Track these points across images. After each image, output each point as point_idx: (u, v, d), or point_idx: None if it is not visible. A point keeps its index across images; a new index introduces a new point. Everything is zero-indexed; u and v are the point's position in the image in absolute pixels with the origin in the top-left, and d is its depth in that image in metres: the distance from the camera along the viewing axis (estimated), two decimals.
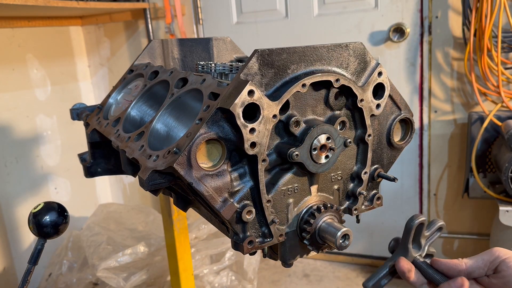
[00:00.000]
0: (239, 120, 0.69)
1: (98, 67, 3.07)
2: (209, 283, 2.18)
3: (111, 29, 2.96)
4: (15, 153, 2.54)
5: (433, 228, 0.78)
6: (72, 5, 2.20)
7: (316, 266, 2.78)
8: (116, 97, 1.22)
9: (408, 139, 0.94)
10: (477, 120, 2.12)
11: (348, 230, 0.77)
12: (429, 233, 0.77)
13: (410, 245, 0.76)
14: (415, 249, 0.76)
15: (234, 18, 2.69)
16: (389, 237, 0.79)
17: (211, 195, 0.71)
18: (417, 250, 0.76)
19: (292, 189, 0.80)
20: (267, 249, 0.84)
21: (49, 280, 2.37)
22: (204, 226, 2.33)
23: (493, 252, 0.72)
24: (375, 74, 0.83)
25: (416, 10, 2.30)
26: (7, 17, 2.45)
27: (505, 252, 0.71)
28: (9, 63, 2.52)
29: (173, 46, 1.28)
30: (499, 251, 0.71)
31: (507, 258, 0.70)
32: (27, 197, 2.60)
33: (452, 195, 2.47)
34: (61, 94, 2.84)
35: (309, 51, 0.77)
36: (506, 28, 2.05)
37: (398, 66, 2.40)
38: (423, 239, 0.77)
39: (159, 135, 0.90)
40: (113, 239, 2.30)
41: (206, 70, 0.98)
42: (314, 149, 0.77)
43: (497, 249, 0.72)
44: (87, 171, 1.25)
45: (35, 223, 0.85)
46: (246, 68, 0.71)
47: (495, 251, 0.72)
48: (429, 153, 2.46)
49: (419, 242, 0.77)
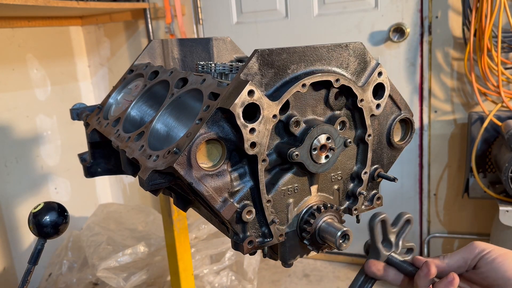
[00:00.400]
0: (239, 120, 0.69)
1: (98, 67, 3.07)
2: (209, 283, 2.18)
3: (111, 29, 2.96)
4: (15, 153, 2.54)
5: (400, 222, 0.76)
6: (72, 5, 2.20)
7: (316, 266, 2.78)
8: (116, 97, 1.22)
9: (408, 139, 0.94)
10: (477, 120, 2.12)
11: (348, 230, 0.77)
12: (397, 229, 0.75)
13: (379, 244, 0.74)
14: (386, 248, 0.75)
15: (234, 18, 2.69)
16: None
17: (211, 195, 0.71)
18: (389, 248, 0.75)
19: (292, 189, 0.80)
20: (267, 249, 0.84)
21: (49, 280, 2.37)
22: (204, 226, 2.33)
23: (473, 249, 0.71)
24: (375, 74, 0.83)
25: (416, 10, 2.30)
26: (7, 17, 2.45)
27: (484, 246, 0.71)
28: (9, 63, 2.52)
29: (173, 46, 1.28)
30: (479, 247, 0.71)
31: (486, 254, 0.70)
32: (27, 197, 2.60)
33: (452, 195, 2.47)
34: (61, 94, 2.84)
35: (309, 51, 0.77)
36: (506, 28, 2.05)
37: (398, 66, 2.40)
38: (392, 236, 0.75)
39: (159, 135, 0.90)
40: (113, 239, 2.30)
41: (206, 70, 0.98)
42: (314, 149, 0.77)
43: (476, 244, 0.71)
44: (87, 171, 1.25)
45: (35, 223, 0.85)
46: (246, 68, 0.71)
47: (474, 247, 0.71)
48: (429, 153, 2.46)
49: (389, 239, 0.75)
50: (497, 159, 1.99)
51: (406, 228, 0.76)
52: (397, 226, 0.76)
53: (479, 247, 0.71)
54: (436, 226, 2.55)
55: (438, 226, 2.55)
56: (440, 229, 2.55)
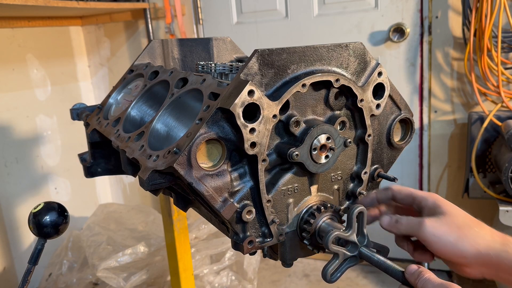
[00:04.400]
0: (239, 120, 0.69)
1: (98, 67, 3.07)
2: (209, 283, 2.18)
3: (111, 29, 2.96)
4: (15, 153, 2.54)
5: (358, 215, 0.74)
6: (72, 5, 2.20)
7: (316, 266, 2.78)
8: (116, 97, 1.22)
9: (408, 139, 0.94)
10: (477, 120, 2.12)
11: None
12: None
13: (354, 235, 0.72)
14: (360, 240, 0.73)
15: (234, 18, 2.69)
16: (389, 236, 0.78)
17: (211, 195, 0.71)
18: (363, 241, 0.73)
19: (292, 189, 0.80)
20: (267, 249, 0.84)
21: (49, 280, 2.37)
22: (204, 226, 2.33)
23: (431, 199, 0.74)
24: (375, 74, 0.83)
25: (416, 10, 2.30)
26: (7, 17, 2.45)
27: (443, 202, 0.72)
28: (9, 63, 2.52)
29: (173, 46, 1.28)
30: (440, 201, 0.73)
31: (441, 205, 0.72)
32: (27, 197, 2.60)
33: (452, 195, 2.47)
34: (61, 94, 2.84)
35: (309, 51, 0.77)
36: (506, 28, 2.05)
37: (398, 66, 2.40)
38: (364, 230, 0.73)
39: (159, 135, 0.90)
40: (113, 239, 2.30)
41: (206, 70, 0.98)
42: (314, 149, 0.77)
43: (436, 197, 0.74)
44: (87, 171, 1.25)
45: (35, 223, 0.85)
46: (246, 68, 0.71)
47: (434, 198, 0.74)
48: (429, 153, 2.46)
49: (363, 232, 0.73)
50: (497, 159, 1.99)
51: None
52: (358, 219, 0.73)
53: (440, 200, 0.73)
54: None
55: None
56: None
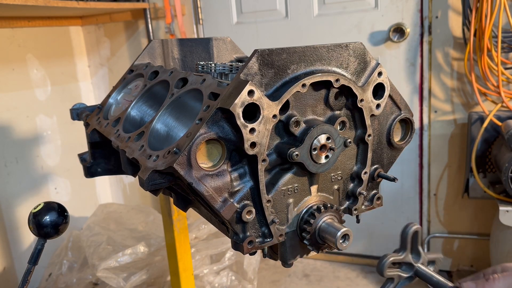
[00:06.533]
0: (239, 120, 0.69)
1: (98, 67, 3.07)
2: (209, 283, 2.18)
3: (111, 29, 2.96)
4: (15, 153, 2.54)
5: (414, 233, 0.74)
6: (72, 5, 2.20)
7: (316, 266, 2.78)
8: (116, 97, 1.22)
9: (408, 139, 0.94)
10: (477, 120, 2.12)
11: (348, 230, 0.77)
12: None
13: (410, 254, 0.73)
14: (415, 259, 0.74)
15: (234, 18, 2.69)
16: (389, 237, 0.78)
17: (211, 195, 0.71)
18: (417, 260, 0.74)
19: (292, 189, 0.80)
20: (267, 249, 0.84)
21: (49, 280, 2.37)
22: (204, 226, 2.33)
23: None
24: (375, 74, 0.83)
25: (416, 10, 2.30)
26: (7, 17, 2.45)
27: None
28: (9, 63, 2.52)
29: (173, 46, 1.28)
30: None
31: None
32: (27, 197, 2.60)
33: (452, 195, 2.47)
34: (61, 94, 2.84)
35: (309, 51, 0.77)
36: (506, 28, 2.05)
37: (398, 66, 2.40)
38: (419, 247, 0.74)
39: (159, 135, 0.89)
40: (113, 239, 2.30)
41: (206, 70, 0.98)
42: (314, 149, 0.77)
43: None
44: (87, 171, 1.25)
45: (35, 223, 0.85)
46: (246, 68, 0.71)
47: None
48: (429, 153, 2.46)
49: (418, 250, 0.74)
50: (497, 159, 1.99)
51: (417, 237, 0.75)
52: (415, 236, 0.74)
53: None
54: (436, 226, 2.55)
55: (438, 226, 2.55)
56: (440, 229, 2.55)
